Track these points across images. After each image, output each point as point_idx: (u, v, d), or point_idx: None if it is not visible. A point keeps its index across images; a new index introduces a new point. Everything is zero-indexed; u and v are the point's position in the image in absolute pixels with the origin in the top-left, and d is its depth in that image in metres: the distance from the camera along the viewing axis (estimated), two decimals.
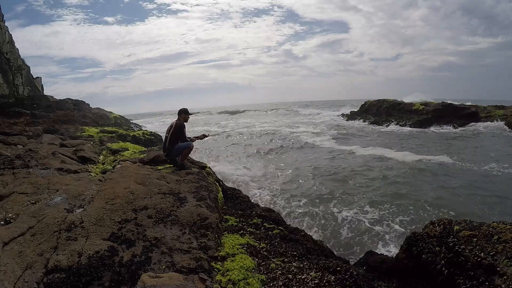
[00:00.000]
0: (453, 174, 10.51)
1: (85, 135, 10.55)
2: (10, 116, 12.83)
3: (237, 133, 23.57)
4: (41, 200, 3.77)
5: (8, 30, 18.25)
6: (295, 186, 9.96)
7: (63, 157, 6.25)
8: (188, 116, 5.64)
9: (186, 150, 5.45)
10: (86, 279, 2.43)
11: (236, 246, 3.38)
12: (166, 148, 5.51)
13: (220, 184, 5.98)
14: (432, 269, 3.12)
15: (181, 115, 5.54)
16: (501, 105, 28.03)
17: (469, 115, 24.82)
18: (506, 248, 2.60)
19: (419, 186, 9.41)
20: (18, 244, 2.74)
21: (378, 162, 12.79)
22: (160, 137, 13.35)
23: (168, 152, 5.53)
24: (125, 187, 4.13)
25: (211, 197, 4.31)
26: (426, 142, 17.53)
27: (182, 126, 5.44)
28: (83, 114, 18.39)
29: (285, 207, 8.17)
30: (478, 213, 7.12)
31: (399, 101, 30.31)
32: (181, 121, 5.49)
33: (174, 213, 3.56)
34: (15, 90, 17.47)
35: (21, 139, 8.60)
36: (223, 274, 2.76)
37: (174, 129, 5.39)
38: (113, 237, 2.99)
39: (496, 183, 9.38)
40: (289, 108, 71.77)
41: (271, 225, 4.62)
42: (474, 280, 2.56)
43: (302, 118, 41.26)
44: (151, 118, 55.98)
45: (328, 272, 2.77)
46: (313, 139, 20.36)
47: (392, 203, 8.02)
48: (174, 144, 5.42)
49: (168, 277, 2.44)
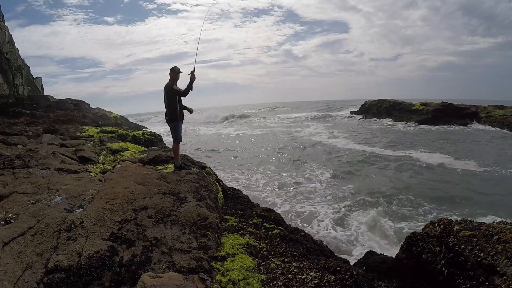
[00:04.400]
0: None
1: (85, 135, 10.54)
2: (10, 116, 12.82)
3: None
4: (41, 200, 3.77)
5: (8, 30, 18.26)
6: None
7: (63, 157, 6.25)
8: (178, 76, 5.29)
9: (175, 147, 5.40)
10: (86, 279, 2.43)
11: (236, 246, 3.38)
12: (167, 113, 5.31)
13: (220, 184, 5.98)
14: (432, 269, 3.11)
15: (172, 73, 5.24)
16: (501, 105, 28.04)
17: (469, 115, 24.84)
18: (506, 248, 2.59)
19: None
20: (18, 244, 2.74)
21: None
22: (160, 137, 13.35)
23: (168, 117, 5.33)
24: (125, 187, 4.13)
25: (211, 197, 4.31)
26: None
27: (170, 85, 5.16)
28: (83, 114, 18.37)
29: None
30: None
31: (399, 101, 30.34)
32: (170, 81, 5.22)
33: (174, 213, 3.56)
34: (15, 90, 17.47)
35: (21, 139, 8.59)
36: (223, 274, 2.76)
37: (166, 93, 5.20)
38: (113, 237, 2.99)
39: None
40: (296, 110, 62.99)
41: (271, 225, 4.62)
42: (474, 280, 2.56)
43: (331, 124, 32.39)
44: (153, 119, 54.62)
45: (328, 272, 2.77)
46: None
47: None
48: (170, 106, 5.22)
49: (168, 277, 2.44)
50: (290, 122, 38.54)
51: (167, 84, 5.22)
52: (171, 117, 5.29)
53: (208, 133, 30.25)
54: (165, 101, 5.25)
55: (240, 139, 24.24)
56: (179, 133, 5.39)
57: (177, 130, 5.36)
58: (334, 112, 49.36)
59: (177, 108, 5.25)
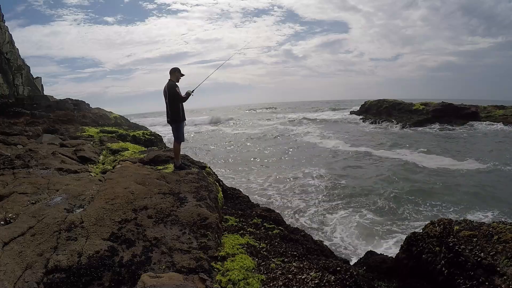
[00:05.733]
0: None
1: (85, 135, 10.52)
2: (10, 116, 12.81)
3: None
4: (41, 200, 3.77)
5: (8, 30, 18.24)
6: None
7: (63, 157, 6.25)
8: (180, 76, 5.33)
9: (176, 147, 5.39)
10: (86, 279, 2.43)
11: (236, 246, 3.38)
12: (169, 114, 5.28)
13: (220, 184, 5.98)
14: (432, 269, 3.12)
15: (174, 74, 5.25)
16: (501, 105, 28.04)
17: (469, 115, 24.84)
18: (506, 248, 2.59)
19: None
20: (18, 244, 2.74)
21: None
22: (160, 137, 13.36)
23: (171, 118, 5.30)
24: (125, 187, 4.13)
25: (211, 197, 4.31)
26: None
27: (174, 86, 5.15)
28: (83, 114, 18.34)
29: None
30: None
31: (399, 101, 30.31)
32: (172, 82, 5.21)
33: (174, 213, 3.56)
34: (15, 90, 17.46)
35: (21, 139, 8.58)
36: (223, 274, 2.76)
37: (168, 93, 5.15)
38: (113, 237, 2.99)
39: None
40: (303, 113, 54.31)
41: (271, 225, 4.62)
42: (474, 280, 2.56)
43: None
44: (154, 119, 53.37)
45: (328, 272, 2.77)
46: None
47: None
48: (173, 107, 5.20)
49: (168, 277, 2.44)
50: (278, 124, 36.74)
51: (169, 84, 5.18)
52: (173, 118, 5.29)
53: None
54: (167, 101, 5.22)
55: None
56: (181, 133, 5.40)
57: (179, 130, 5.37)
58: (333, 112, 49.21)
59: (180, 109, 5.25)
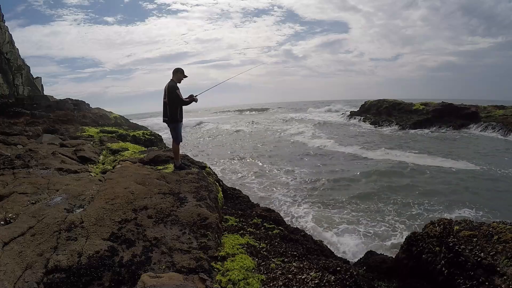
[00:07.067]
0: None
1: (85, 135, 10.52)
2: (10, 116, 12.80)
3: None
4: (41, 200, 3.77)
5: (8, 30, 18.24)
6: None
7: (63, 157, 6.25)
8: (183, 77, 5.29)
9: (175, 147, 5.39)
10: (86, 279, 2.43)
11: (236, 246, 3.38)
12: (168, 114, 5.21)
13: (220, 184, 5.98)
14: (432, 269, 3.11)
15: (176, 74, 5.20)
16: (501, 105, 28.00)
17: (469, 115, 24.82)
18: (506, 248, 2.59)
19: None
20: (18, 244, 2.74)
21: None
22: (160, 137, 13.35)
23: (169, 118, 5.24)
24: (125, 187, 4.13)
25: (211, 197, 4.31)
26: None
27: (175, 88, 5.11)
28: (83, 114, 18.33)
29: None
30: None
31: (399, 101, 30.28)
32: (173, 82, 5.17)
33: (174, 213, 3.56)
34: (15, 90, 17.45)
35: (21, 139, 8.58)
36: (223, 274, 2.76)
37: (169, 95, 5.10)
38: (113, 237, 2.99)
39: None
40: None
41: (271, 225, 4.62)
42: (474, 280, 2.56)
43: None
44: (155, 119, 52.85)
45: (328, 272, 2.77)
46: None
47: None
48: (172, 108, 5.15)
49: (168, 277, 2.44)
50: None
51: (170, 85, 5.15)
52: (171, 118, 5.26)
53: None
54: (166, 101, 5.18)
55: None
56: (179, 133, 5.39)
57: (177, 130, 5.35)
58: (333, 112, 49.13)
59: (178, 110, 5.23)
